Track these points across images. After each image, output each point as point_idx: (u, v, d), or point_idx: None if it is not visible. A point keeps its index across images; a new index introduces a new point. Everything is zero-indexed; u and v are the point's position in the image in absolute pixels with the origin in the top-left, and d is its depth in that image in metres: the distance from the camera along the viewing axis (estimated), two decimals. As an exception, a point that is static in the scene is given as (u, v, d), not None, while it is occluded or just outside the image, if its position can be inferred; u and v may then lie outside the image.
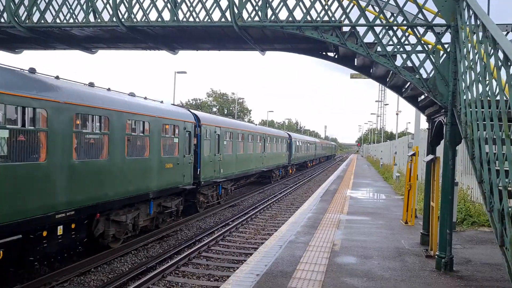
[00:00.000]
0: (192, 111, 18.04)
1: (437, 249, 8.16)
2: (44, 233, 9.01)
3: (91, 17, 9.36)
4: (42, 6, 9.44)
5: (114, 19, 9.09)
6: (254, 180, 30.85)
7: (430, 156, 9.27)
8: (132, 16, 9.15)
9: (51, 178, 9.09)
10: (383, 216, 14.04)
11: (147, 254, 11.87)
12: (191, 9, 8.94)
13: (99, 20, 9.31)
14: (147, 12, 9.04)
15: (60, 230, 9.45)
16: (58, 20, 9.41)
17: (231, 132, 22.32)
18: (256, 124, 43.79)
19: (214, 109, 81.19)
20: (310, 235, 10.57)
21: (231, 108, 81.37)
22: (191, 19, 8.97)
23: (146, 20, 9.06)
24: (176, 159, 15.03)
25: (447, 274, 7.63)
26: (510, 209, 4.36)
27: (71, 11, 9.33)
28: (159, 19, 9.04)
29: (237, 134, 23.49)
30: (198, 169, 17.09)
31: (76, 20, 9.38)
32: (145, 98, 14.24)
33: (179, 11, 9.01)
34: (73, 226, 9.93)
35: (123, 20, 9.10)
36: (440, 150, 9.14)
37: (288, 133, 42.89)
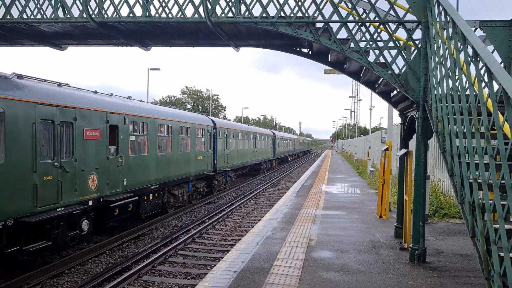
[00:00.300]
0: (210, 117, 24.91)
1: (410, 242, 8.33)
2: (145, 198, 14.59)
3: (60, 13, 9.12)
4: (8, 1, 9.14)
5: (84, 15, 8.89)
6: (246, 172, 35.33)
7: (403, 151, 9.44)
8: (103, 11, 8.95)
9: (149, 164, 14.92)
10: (358, 211, 14.22)
11: (122, 254, 11.68)
12: (164, 4, 8.82)
13: (68, 16, 9.08)
14: (118, 7, 8.86)
15: (151, 196, 15.10)
16: (25, 16, 9.14)
17: (234, 132, 28.37)
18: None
19: (189, 106, 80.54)
20: (286, 231, 10.62)
21: (205, 105, 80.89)
22: (163, 15, 8.85)
23: (117, 15, 8.89)
24: (203, 153, 21.09)
25: (421, 265, 7.80)
26: (480, 201, 4.46)
27: (39, 6, 9.07)
28: (131, 15, 8.88)
29: (237, 133, 29.40)
30: (215, 161, 23.06)
31: (44, 16, 9.12)
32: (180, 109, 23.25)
33: (151, 7, 8.88)
34: (156, 194, 15.53)
35: (93, 16, 8.91)
36: (412, 144, 9.31)
37: (272, 132, 49.11)
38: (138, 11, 8.89)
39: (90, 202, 11.28)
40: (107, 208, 11.97)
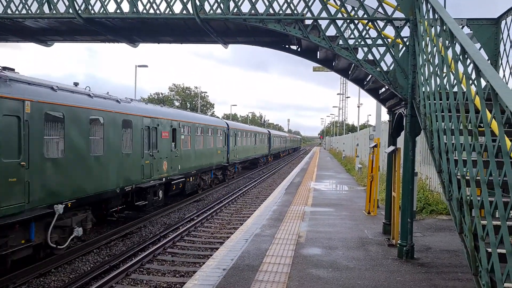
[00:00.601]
0: (225, 120, 32.22)
1: (398, 238, 8.39)
2: (188, 179, 20.01)
3: (46, 8, 8.97)
4: (-8, -4, 8.97)
5: (70, 11, 8.76)
6: (247, 165, 40.89)
7: (391, 148, 9.49)
8: (90, 7, 8.83)
9: (191, 155, 20.71)
10: (346, 207, 14.29)
11: (110, 252, 11.58)
12: (151, 0, 8.73)
13: (54, 12, 8.94)
14: (105, 3, 8.75)
15: (191, 179, 20.70)
16: (9, 11, 8.97)
17: (240, 132, 34.65)
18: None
19: (177, 104, 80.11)
20: (275, 228, 10.62)
21: (193, 102, 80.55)
22: (151, 11, 8.76)
23: (104, 11, 8.77)
24: (221, 148, 27.22)
25: (409, 261, 7.86)
26: (468, 197, 4.50)
27: (24, 2, 8.92)
28: (118, 11, 8.77)
29: (243, 132, 35.76)
30: (228, 155, 29.08)
31: (30, 11, 8.97)
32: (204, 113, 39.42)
33: (139, 3, 8.78)
34: (194, 178, 21.20)
35: (80, 11, 8.78)
36: (400, 141, 9.37)
37: (268, 130, 55.48)
38: (125, 7, 8.79)
39: (163, 179, 16.97)
40: (170, 184, 17.63)
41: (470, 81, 4.71)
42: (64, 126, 10.74)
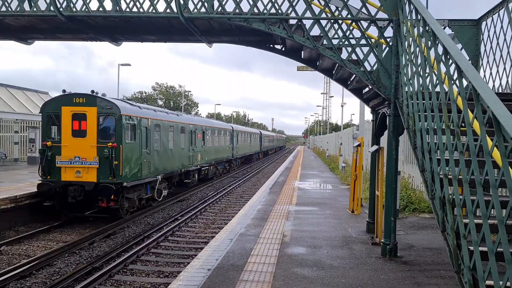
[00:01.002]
0: (230, 124, 41.79)
1: (382, 236, 8.46)
2: (209, 167, 27.92)
3: (26, 5, 8.81)
4: (-30, -8, 8.76)
5: (52, 8, 8.62)
6: (243, 161, 47.22)
7: (375, 147, 9.57)
8: (71, 5, 8.70)
9: (212, 151, 29.25)
10: (330, 206, 14.37)
11: (92, 253, 11.43)
12: (135, -1, 8.64)
13: (35, 9, 8.78)
14: (88, 1, 8.62)
15: (211, 167, 28.74)
16: (-12, 8, 8.78)
17: (240, 132, 42.74)
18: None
19: (160, 103, 79.53)
20: (260, 227, 10.62)
21: (177, 101, 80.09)
22: (134, 9, 8.67)
23: (86, 9, 8.65)
24: (228, 145, 35.59)
25: (392, 260, 7.93)
26: (450, 196, 4.55)
27: (3, -1, 8.74)
28: (101, 9, 8.66)
29: (242, 133, 44.08)
30: (233, 151, 37.54)
31: (10, 9, 8.79)
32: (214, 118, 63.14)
33: (122, 1, 8.68)
34: (212, 167, 28.96)
35: (61, 9, 8.64)
36: (384, 140, 9.45)
37: (260, 131, 65.07)
38: (108, 5, 8.69)
39: (198, 166, 24.82)
40: (201, 170, 25.34)
41: (452, 81, 4.77)
42: (160, 132, 18.46)
